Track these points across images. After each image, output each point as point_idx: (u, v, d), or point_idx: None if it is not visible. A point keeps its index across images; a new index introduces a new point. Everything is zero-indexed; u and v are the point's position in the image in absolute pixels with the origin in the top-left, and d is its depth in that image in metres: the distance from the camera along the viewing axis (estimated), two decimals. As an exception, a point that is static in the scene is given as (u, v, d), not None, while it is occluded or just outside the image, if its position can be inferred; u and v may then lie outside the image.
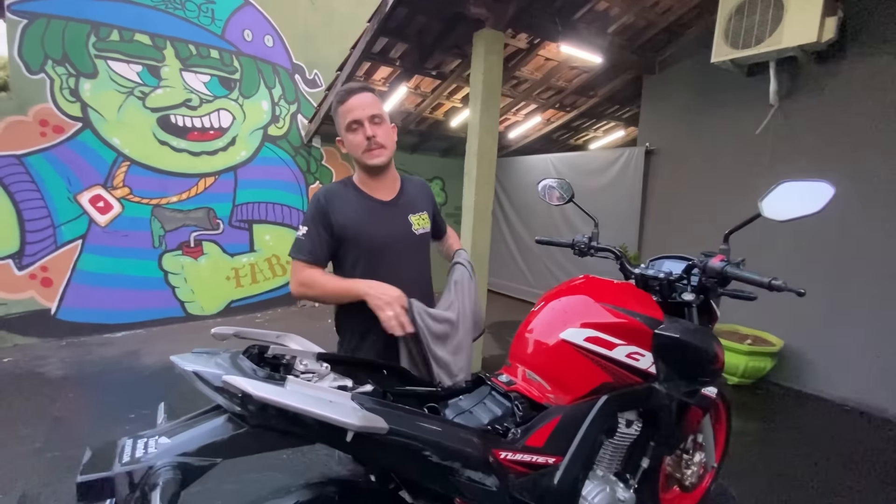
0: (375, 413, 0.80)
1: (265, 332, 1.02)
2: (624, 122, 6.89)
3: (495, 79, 3.51)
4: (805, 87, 3.70)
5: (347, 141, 1.41)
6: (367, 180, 1.47)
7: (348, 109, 1.37)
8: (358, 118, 1.36)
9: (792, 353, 3.68)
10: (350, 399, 0.81)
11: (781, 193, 1.13)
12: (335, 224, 1.39)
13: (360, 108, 1.36)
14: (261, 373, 0.78)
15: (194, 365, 0.75)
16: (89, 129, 4.29)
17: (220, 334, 0.95)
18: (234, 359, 0.82)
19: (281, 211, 5.53)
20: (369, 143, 1.37)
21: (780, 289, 1.08)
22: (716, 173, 4.24)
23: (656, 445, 1.39)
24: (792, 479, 2.44)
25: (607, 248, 1.62)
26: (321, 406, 0.70)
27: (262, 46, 5.17)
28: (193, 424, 0.79)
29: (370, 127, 1.36)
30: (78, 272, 4.34)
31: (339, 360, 1.04)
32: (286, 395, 0.68)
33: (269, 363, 0.94)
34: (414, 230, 1.49)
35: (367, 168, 1.43)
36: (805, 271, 3.59)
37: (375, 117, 1.38)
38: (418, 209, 1.53)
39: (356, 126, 1.37)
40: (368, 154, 1.39)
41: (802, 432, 3.02)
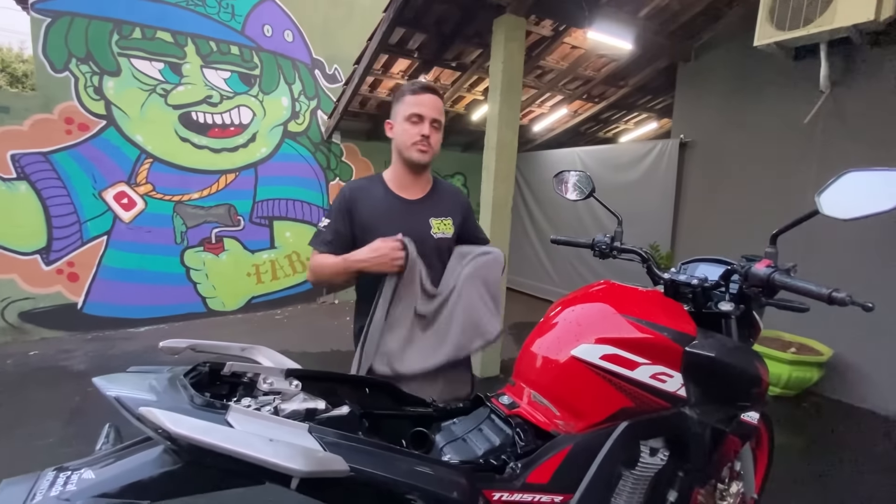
0: (337, 449, 0.67)
1: (228, 345, 0.91)
2: (657, 113, 6.54)
3: (516, 68, 3.32)
4: (860, 72, 3.35)
5: (401, 129, 1.42)
6: (401, 175, 1.48)
7: (418, 102, 1.39)
8: (422, 114, 1.39)
9: (842, 363, 3.35)
10: (307, 432, 0.68)
11: (845, 186, 0.93)
12: (356, 219, 1.41)
13: (429, 107, 1.39)
14: (198, 399, 0.66)
15: (118, 388, 0.63)
16: (113, 127, 4.35)
17: (170, 348, 0.83)
18: (174, 380, 0.71)
19: (301, 208, 5.50)
20: (422, 139, 1.39)
21: (844, 302, 0.89)
22: (758, 167, 3.91)
23: (685, 477, 1.20)
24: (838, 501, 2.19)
25: (632, 250, 1.43)
26: (257, 446, 0.57)
27: (281, 42, 5.14)
28: (127, 454, 0.68)
29: (429, 127, 1.40)
30: (103, 267, 4.42)
31: (313, 376, 0.91)
32: (214, 432, 0.56)
33: (228, 381, 0.82)
34: (432, 233, 1.46)
35: (408, 162, 1.44)
36: (856, 275, 3.25)
37: (436, 122, 1.42)
38: (442, 213, 1.50)
39: (416, 119, 1.39)
40: (416, 149, 1.40)
41: (852, 450, 2.73)
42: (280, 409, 0.82)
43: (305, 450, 0.61)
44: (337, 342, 4.36)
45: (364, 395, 0.99)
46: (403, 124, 1.40)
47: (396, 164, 1.47)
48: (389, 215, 1.41)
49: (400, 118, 1.41)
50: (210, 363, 0.80)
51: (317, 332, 4.72)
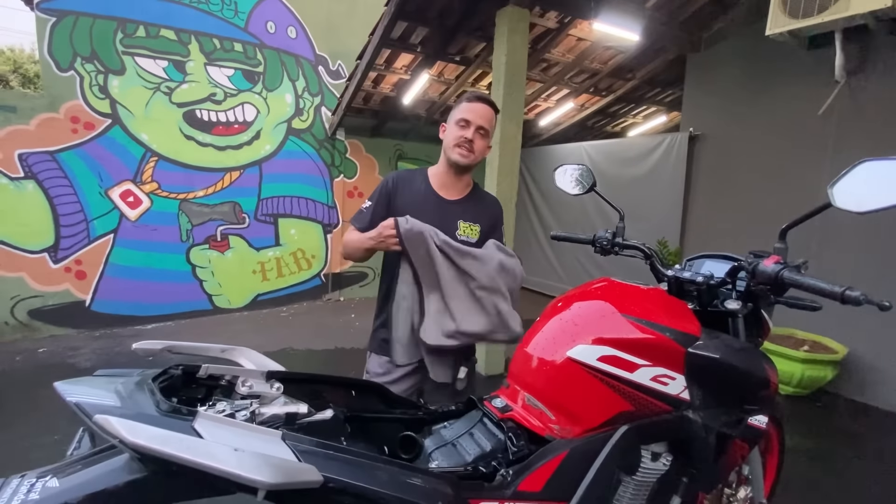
0: (312, 458, 0.63)
1: (207, 346, 0.87)
2: (666, 106, 6.42)
3: (520, 60, 3.26)
4: (877, 61, 3.23)
5: (448, 130, 1.52)
6: (442, 174, 1.56)
7: (469, 109, 1.49)
8: (469, 119, 1.48)
9: (857, 361, 3.26)
10: (280, 440, 0.64)
11: (860, 177, 0.87)
12: (395, 205, 1.51)
13: (477, 114, 1.48)
14: (164, 405, 0.63)
15: (78, 394, 0.60)
16: (118, 126, 4.37)
17: (143, 350, 0.80)
18: (142, 385, 0.67)
19: (306, 205, 5.49)
20: (463, 141, 1.47)
21: (858, 302, 0.83)
22: (770, 160, 3.81)
23: (690, 482, 1.15)
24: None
25: (634, 246, 1.37)
26: (220, 456, 0.53)
27: (285, 38, 5.11)
28: (95, 462, 0.65)
29: (473, 132, 1.48)
30: (110, 265, 4.45)
31: (296, 378, 0.88)
32: (173, 442, 0.52)
33: (205, 384, 0.79)
34: (457, 233, 1.52)
35: (450, 161, 1.52)
36: (872, 270, 3.15)
37: (482, 129, 1.50)
38: (472, 219, 1.56)
39: (464, 124, 1.48)
40: (458, 150, 1.48)
41: (867, 451, 2.65)
42: (259, 413, 0.78)
43: (273, 460, 0.57)
44: (342, 340, 4.35)
45: (351, 397, 0.95)
46: (452, 127, 1.51)
47: (441, 162, 1.57)
48: (422, 208, 1.49)
49: (451, 121, 1.52)
50: (184, 366, 0.77)
51: (322, 329, 4.72)
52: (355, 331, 4.65)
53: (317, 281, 5.68)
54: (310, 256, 5.58)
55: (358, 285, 6.02)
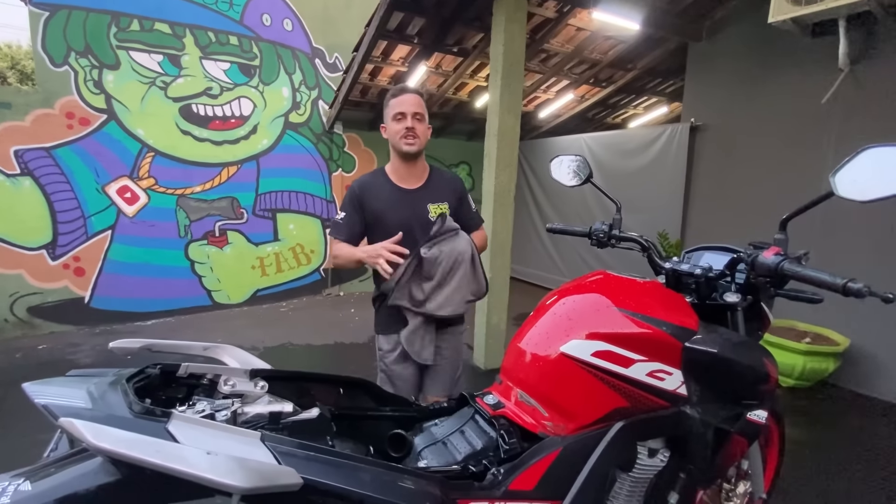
0: (292, 460, 0.61)
1: (189, 344, 0.85)
2: (667, 96, 6.35)
3: (518, 50, 3.21)
4: (882, 48, 3.17)
5: (390, 128, 1.65)
6: (399, 167, 1.69)
7: (399, 103, 1.62)
8: (403, 111, 1.60)
9: (860, 353, 3.23)
10: (259, 441, 0.62)
11: (864, 164, 0.84)
12: (367, 209, 1.65)
13: (409, 104, 1.61)
14: (137, 406, 0.60)
15: (47, 395, 0.58)
16: (114, 121, 4.34)
17: (120, 349, 0.78)
18: (115, 385, 0.65)
19: (304, 200, 5.46)
20: (407, 132, 1.60)
21: (860, 294, 0.80)
22: (772, 150, 3.75)
23: (688, 478, 1.13)
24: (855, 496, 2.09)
25: (631, 238, 1.35)
26: (191, 460, 0.51)
27: (281, 31, 5.06)
28: (69, 465, 0.63)
29: (412, 120, 1.60)
30: (109, 262, 4.44)
31: (282, 376, 0.85)
32: (141, 445, 0.50)
33: (185, 383, 0.77)
34: (430, 217, 1.65)
35: (401, 153, 1.65)
36: (874, 261, 3.11)
37: (417, 114, 1.62)
38: (439, 199, 1.69)
39: (400, 117, 1.61)
40: (404, 140, 1.61)
41: (869, 444, 2.62)
42: (241, 412, 0.76)
43: (250, 463, 0.55)
44: (342, 334, 4.34)
45: (339, 395, 0.93)
46: (391, 124, 1.63)
47: (394, 158, 1.70)
48: (393, 204, 1.64)
49: (388, 120, 1.65)
50: (162, 365, 0.74)
51: (322, 324, 4.70)
52: (355, 325, 4.64)
53: (316, 276, 5.67)
54: (309, 251, 5.56)
55: (357, 280, 5.99)
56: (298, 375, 0.89)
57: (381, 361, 1.74)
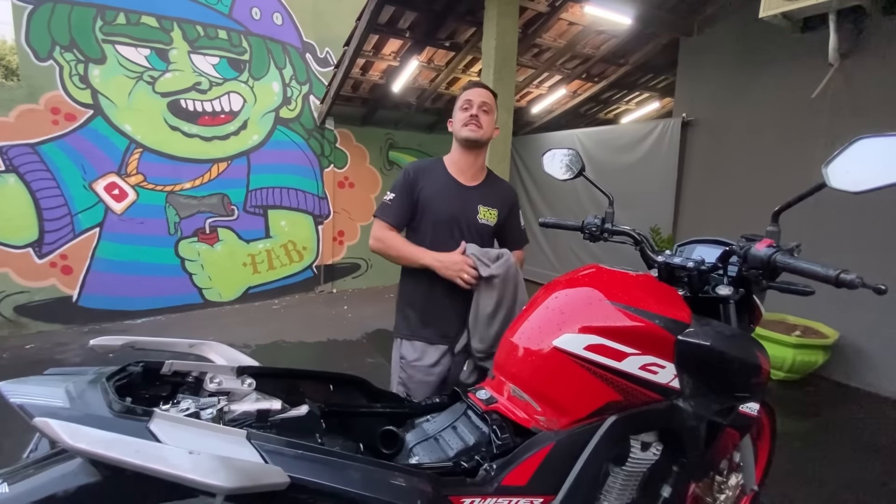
0: (279, 458, 0.60)
1: (173, 341, 0.83)
2: (659, 92, 6.36)
3: (510, 45, 3.19)
4: (871, 43, 3.19)
5: (455, 117, 1.62)
6: (458, 159, 1.64)
7: (468, 94, 1.59)
8: (471, 100, 1.58)
9: (848, 345, 3.27)
10: (245, 439, 0.60)
11: (857, 154, 0.84)
12: (419, 195, 1.59)
13: (477, 95, 1.58)
14: (117, 405, 0.59)
15: (23, 395, 0.56)
16: (101, 116, 4.26)
17: (102, 346, 0.76)
18: (95, 383, 0.63)
19: (296, 196, 5.41)
20: (470, 119, 1.56)
21: (853, 285, 0.80)
22: (763, 145, 3.77)
23: (680, 471, 1.13)
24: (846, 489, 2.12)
25: (624, 231, 1.34)
26: (173, 460, 0.49)
27: (271, 25, 4.99)
28: (48, 465, 0.61)
29: (477, 109, 1.57)
30: (97, 260, 4.37)
31: (270, 373, 0.84)
32: (119, 445, 0.48)
33: (169, 382, 0.75)
34: (478, 217, 1.62)
35: (461, 140, 1.60)
36: (864, 255, 3.14)
37: (485, 105, 1.59)
38: (490, 203, 1.65)
39: (467, 106, 1.58)
40: (467, 128, 1.56)
41: (858, 435, 2.66)
42: (228, 410, 0.75)
43: (234, 462, 0.53)
44: (334, 331, 4.32)
45: (329, 392, 0.92)
46: (457, 112, 1.61)
47: (455, 149, 1.65)
48: (446, 195, 1.59)
49: (456, 110, 1.62)
50: (144, 362, 0.72)
51: (314, 321, 4.68)
52: (348, 322, 4.61)
53: (308, 273, 5.63)
54: (301, 248, 5.51)
55: (351, 277, 5.97)
56: (287, 372, 0.87)
57: (404, 371, 1.62)
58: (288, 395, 0.87)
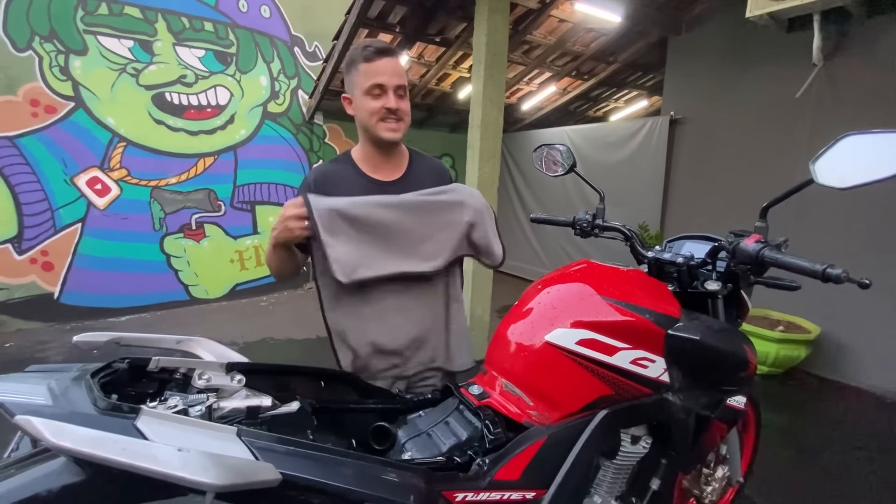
0: (270, 455, 0.59)
1: (160, 337, 0.82)
2: (647, 90, 6.42)
3: (500, 41, 3.18)
4: (854, 44, 3.25)
5: (362, 104, 1.19)
6: (371, 155, 1.28)
7: (375, 71, 1.16)
8: (383, 84, 1.17)
9: (829, 340, 3.34)
10: (235, 436, 0.59)
11: (843, 151, 0.85)
12: None
13: (390, 74, 1.17)
14: (103, 403, 0.57)
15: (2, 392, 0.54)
16: (82, 109, 4.16)
17: (86, 342, 0.74)
18: (79, 380, 0.62)
19: (284, 191, 5.35)
20: (387, 114, 1.19)
21: (839, 279, 0.82)
22: (749, 143, 3.83)
23: (669, 463, 1.14)
24: (826, 479, 2.17)
25: (615, 227, 1.35)
26: (161, 457, 0.48)
27: (258, 18, 4.92)
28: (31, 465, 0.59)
29: (395, 98, 1.18)
30: (79, 256, 4.28)
31: (260, 369, 0.83)
32: (105, 443, 0.47)
33: (157, 378, 0.73)
34: None
35: (377, 141, 1.24)
36: (848, 251, 3.21)
37: (400, 89, 1.20)
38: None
39: (378, 92, 1.18)
40: (385, 126, 1.20)
41: (838, 427, 2.73)
42: (217, 407, 0.73)
43: (224, 459, 0.52)
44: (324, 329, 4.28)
45: (321, 388, 0.91)
46: (365, 99, 1.18)
47: (364, 143, 1.28)
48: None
49: (358, 92, 1.19)
50: (131, 359, 0.71)
51: (303, 318, 4.64)
52: (337, 319, 4.58)
53: (297, 269, 5.57)
54: (289, 244, 5.45)
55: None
56: (277, 369, 0.86)
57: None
58: (278, 391, 0.86)
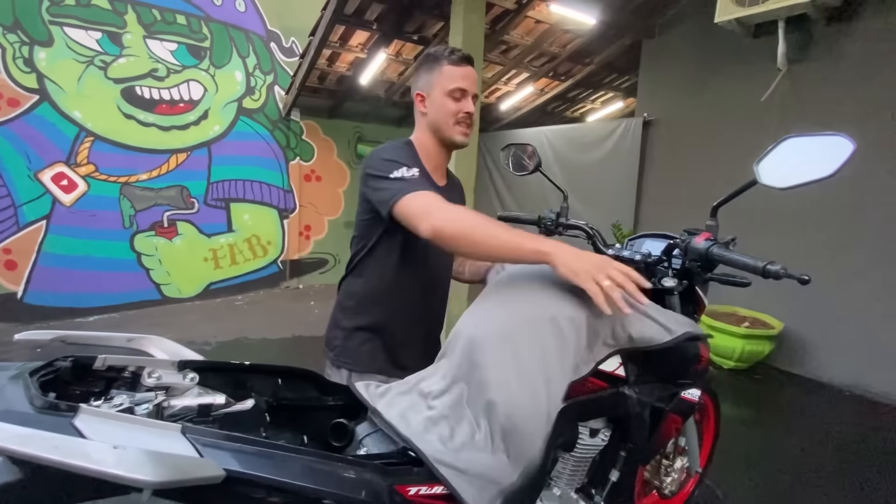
0: (215, 452, 0.59)
1: (110, 335, 0.80)
2: (623, 92, 6.53)
3: (476, 41, 3.20)
4: (816, 50, 3.38)
5: (441, 103, 1.21)
6: (435, 155, 1.30)
7: (462, 75, 1.21)
8: (466, 89, 1.21)
9: (792, 335, 3.46)
10: (180, 433, 0.59)
11: (785, 153, 0.89)
12: None
13: (472, 81, 1.23)
14: (39, 401, 0.56)
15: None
16: (47, 102, 4.02)
17: (28, 340, 0.73)
18: (17, 378, 0.60)
19: (260, 189, 5.28)
20: (466, 117, 1.22)
21: (778, 275, 0.85)
22: (718, 144, 3.94)
23: (628, 455, 1.18)
24: (787, 470, 2.26)
25: (577, 226, 1.38)
26: (95, 455, 0.48)
27: (233, 11, 4.83)
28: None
29: (473, 103, 1.23)
30: (44, 254, 4.14)
31: (214, 367, 0.82)
32: (34, 441, 0.46)
33: (104, 377, 0.72)
34: None
35: (447, 142, 1.26)
36: (808, 250, 3.34)
37: (475, 98, 1.26)
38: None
39: (460, 95, 1.21)
40: (460, 129, 1.23)
41: (800, 419, 2.84)
42: (168, 405, 0.73)
43: (163, 456, 0.52)
44: (300, 328, 4.25)
45: (278, 386, 0.90)
46: (444, 99, 1.20)
47: (430, 143, 1.27)
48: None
49: (438, 91, 1.20)
50: (74, 357, 0.69)
51: (279, 317, 4.59)
52: (314, 318, 4.55)
53: (273, 268, 5.51)
54: (265, 243, 5.39)
55: (318, 272, 5.88)
56: (233, 366, 0.85)
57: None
58: (235, 389, 0.85)
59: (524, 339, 0.89)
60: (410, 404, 0.91)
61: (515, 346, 0.88)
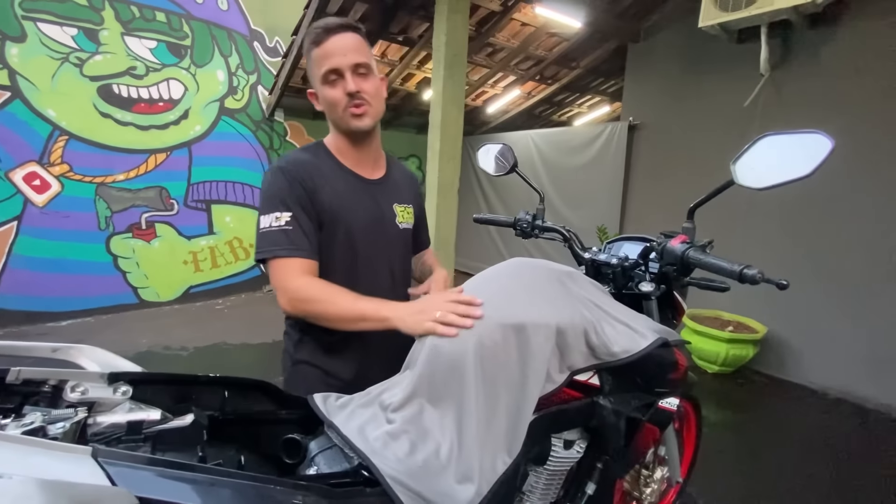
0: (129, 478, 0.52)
1: (31, 345, 0.73)
2: (609, 96, 6.55)
3: (460, 41, 3.17)
4: (798, 55, 3.40)
5: (323, 96, 1.08)
6: (347, 150, 1.14)
7: (325, 54, 1.03)
8: (337, 66, 1.03)
9: (776, 340, 3.47)
10: (90, 457, 0.52)
11: (762, 152, 0.85)
12: (322, 204, 1.06)
13: (341, 53, 1.03)
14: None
15: None
16: (19, 99, 3.89)
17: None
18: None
19: (242, 190, 5.17)
20: (351, 99, 1.05)
21: (755, 280, 0.81)
22: (702, 149, 3.95)
23: (605, 468, 1.13)
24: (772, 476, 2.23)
25: (554, 228, 1.34)
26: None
27: (215, 10, 4.74)
28: None
29: (353, 79, 1.04)
30: (14, 257, 3.99)
31: (151, 379, 0.75)
32: None
33: (18, 392, 0.65)
34: (397, 221, 1.20)
35: (349, 133, 1.11)
36: (792, 254, 3.35)
37: (360, 67, 1.05)
38: (404, 200, 1.24)
39: (335, 77, 1.05)
40: (350, 114, 1.06)
41: (783, 424, 2.82)
42: (93, 423, 0.66)
43: (59, 486, 0.46)
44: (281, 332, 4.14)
45: (225, 399, 0.84)
46: (323, 89, 1.06)
47: (339, 139, 1.14)
48: (355, 197, 1.11)
49: (317, 83, 1.07)
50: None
51: (261, 322, 4.48)
52: (296, 322, 4.44)
53: (256, 271, 5.40)
54: (248, 245, 5.28)
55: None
56: (174, 378, 0.79)
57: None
58: (176, 403, 0.79)
59: (490, 347, 0.83)
60: (371, 417, 0.85)
61: (481, 354, 0.83)
